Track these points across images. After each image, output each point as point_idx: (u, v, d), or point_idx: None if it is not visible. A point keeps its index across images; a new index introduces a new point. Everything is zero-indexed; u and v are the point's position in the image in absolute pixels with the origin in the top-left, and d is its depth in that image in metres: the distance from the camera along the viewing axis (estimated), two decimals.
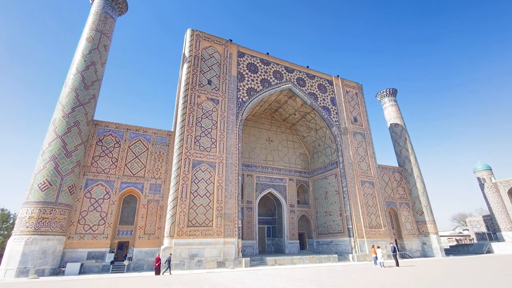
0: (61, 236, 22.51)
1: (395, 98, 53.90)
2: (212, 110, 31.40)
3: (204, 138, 29.57)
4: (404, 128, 50.28)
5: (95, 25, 30.55)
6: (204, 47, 34.31)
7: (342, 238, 36.48)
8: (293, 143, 46.82)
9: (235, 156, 30.57)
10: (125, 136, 28.57)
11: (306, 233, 43.29)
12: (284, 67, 40.24)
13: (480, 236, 63.60)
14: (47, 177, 22.63)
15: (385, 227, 37.13)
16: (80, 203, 24.52)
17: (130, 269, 24.12)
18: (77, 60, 28.21)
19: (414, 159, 47.75)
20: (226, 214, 27.47)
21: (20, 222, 21.42)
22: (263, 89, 36.55)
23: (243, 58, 37.07)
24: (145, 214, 26.45)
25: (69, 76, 27.50)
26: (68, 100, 25.85)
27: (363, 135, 42.61)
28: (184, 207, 25.79)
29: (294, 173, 44.19)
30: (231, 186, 28.93)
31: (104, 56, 30.22)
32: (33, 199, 21.94)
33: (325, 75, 44.02)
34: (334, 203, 39.13)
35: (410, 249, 41.37)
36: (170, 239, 24.40)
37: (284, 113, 44.99)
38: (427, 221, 43.35)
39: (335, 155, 40.51)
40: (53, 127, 24.64)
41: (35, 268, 20.36)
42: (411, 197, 45.91)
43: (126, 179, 26.97)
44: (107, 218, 25.05)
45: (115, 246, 25.36)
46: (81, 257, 23.19)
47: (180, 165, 27.22)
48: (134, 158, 28.06)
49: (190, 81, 31.39)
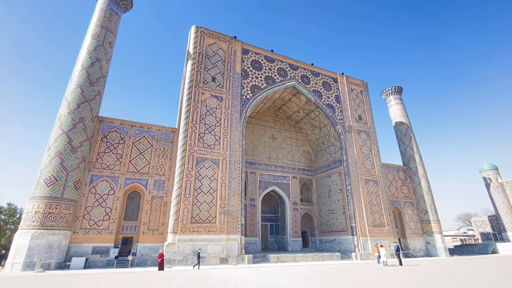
0: (67, 231, 22.81)
1: (401, 97, 53.36)
2: (216, 107, 31.41)
3: (208, 135, 29.63)
4: (409, 127, 49.80)
5: (100, 21, 30.65)
6: (209, 44, 34.25)
7: (345, 237, 36.41)
8: (297, 141, 46.69)
9: (238, 153, 30.59)
10: (129, 132, 28.74)
11: (309, 231, 43.29)
12: (289, 64, 40.03)
13: (485, 236, 62.98)
14: (53, 172, 22.90)
15: (388, 226, 36.95)
16: (85, 198, 24.80)
17: (134, 264, 24.38)
18: (83, 57, 28.37)
19: (419, 158, 47.32)
20: (229, 211, 27.57)
21: (27, 216, 21.74)
22: (267, 86, 36.44)
23: (247, 55, 36.94)
24: (149, 210, 26.66)
25: (74, 73, 27.70)
26: (73, 96, 26.05)
27: (367, 133, 42.31)
28: (187, 203, 25.94)
29: (297, 171, 44.12)
30: (234, 183, 28.99)
31: (109, 52, 30.35)
32: (39, 194, 22.24)
33: (330, 73, 43.71)
34: (337, 201, 39.02)
35: (414, 249, 41.14)
36: (173, 235, 24.59)
37: (288, 110, 44.84)
38: (431, 221, 43.03)
39: (339, 153, 40.32)
40: (59, 123, 24.89)
41: (41, 262, 20.68)
42: (416, 196, 45.57)
43: (131, 175, 27.18)
44: (112, 213, 25.30)
45: (119, 241, 25.64)
46: (86, 252, 23.49)
47: (184, 162, 27.34)
48: (139, 155, 28.23)
49: (194, 78, 31.41)
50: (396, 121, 51.46)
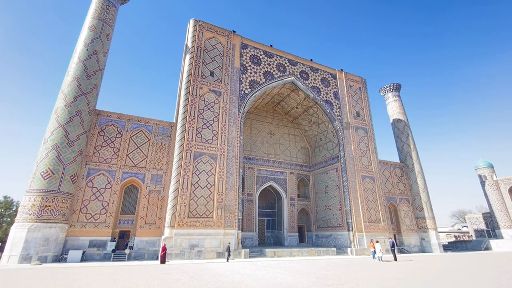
0: (64, 224, 22.80)
1: (399, 94, 53.41)
2: (214, 102, 31.27)
3: (205, 130, 29.55)
4: (406, 124, 49.97)
5: (97, 13, 30.22)
6: (207, 38, 33.95)
7: (341, 232, 36.73)
8: (295, 136, 46.72)
9: (236, 148, 30.58)
10: (127, 126, 28.59)
11: (305, 226, 43.60)
12: (288, 59, 39.83)
13: (479, 233, 63.84)
14: (49, 165, 22.79)
15: (384, 222, 37.30)
16: (82, 192, 24.75)
17: (131, 257, 24.49)
18: (79, 49, 28.04)
19: (415, 155, 47.61)
20: (226, 206, 27.66)
21: (23, 209, 21.69)
22: (265, 81, 36.29)
23: (246, 50, 36.69)
24: (146, 204, 26.68)
25: (71, 65, 27.39)
26: (70, 89, 25.81)
27: (365, 130, 42.41)
28: (185, 198, 25.98)
29: (295, 166, 44.24)
30: (232, 179, 29.04)
31: (106, 45, 30.00)
32: (36, 187, 22.15)
33: (329, 69, 43.57)
34: (334, 197, 39.26)
35: (409, 244, 41.64)
36: (171, 229, 24.67)
37: (287, 106, 44.76)
38: (426, 217, 43.51)
39: (336, 150, 40.44)
40: (55, 116, 24.68)
41: (37, 255, 20.70)
42: (412, 193, 45.96)
43: (128, 169, 27.13)
44: (109, 207, 25.30)
45: (116, 235, 25.71)
46: (83, 245, 23.53)
47: (182, 157, 27.30)
48: (136, 149, 28.15)
49: (192, 72, 31.18)
50: (394, 118, 51.59)
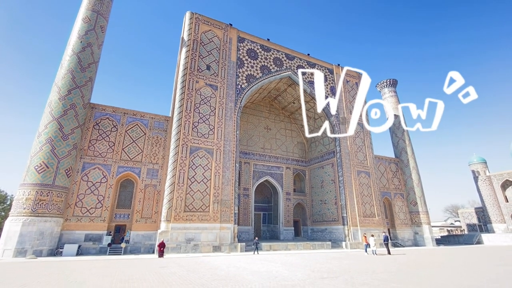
0: (59, 218, 22.69)
1: (395, 89, 53.53)
2: (210, 96, 31.08)
3: (202, 124, 29.42)
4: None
5: (91, 4, 29.61)
6: (204, 31, 33.55)
7: (336, 226, 37.13)
8: (291, 131, 46.76)
9: (233, 143, 30.53)
10: (122, 120, 28.33)
11: (301, 221, 43.98)
12: (285, 54, 39.61)
13: (471, 228, 65.04)
14: (43, 159, 22.55)
15: (379, 216, 37.77)
16: (77, 186, 24.59)
17: (127, 251, 24.53)
18: (73, 41, 27.53)
19: (411, 150, 48.03)
20: (223, 200, 27.73)
21: (17, 203, 21.51)
22: (262, 76, 36.10)
23: (243, 44, 36.37)
24: (142, 198, 26.63)
25: (65, 58, 26.92)
26: (64, 82, 25.41)
27: (361, 125, 42.51)
28: (181, 192, 25.97)
29: (291, 161, 44.40)
30: (228, 173, 29.06)
31: (101, 37, 29.49)
32: (30, 181, 21.95)
33: (326, 64, 43.46)
34: (329, 192, 39.57)
35: (402, 238, 42.29)
36: (167, 223, 24.72)
37: (283, 101, 44.68)
38: (420, 212, 44.13)
39: (332, 145, 40.62)
40: (49, 109, 24.34)
41: (33, 249, 20.62)
42: (406, 187, 46.49)
43: (123, 163, 26.97)
44: (104, 201, 25.20)
45: (112, 229, 25.68)
46: (79, 239, 23.48)
47: (178, 151, 27.20)
48: (131, 143, 27.95)
49: (188, 66, 30.88)
50: (390, 114, 51.75)
